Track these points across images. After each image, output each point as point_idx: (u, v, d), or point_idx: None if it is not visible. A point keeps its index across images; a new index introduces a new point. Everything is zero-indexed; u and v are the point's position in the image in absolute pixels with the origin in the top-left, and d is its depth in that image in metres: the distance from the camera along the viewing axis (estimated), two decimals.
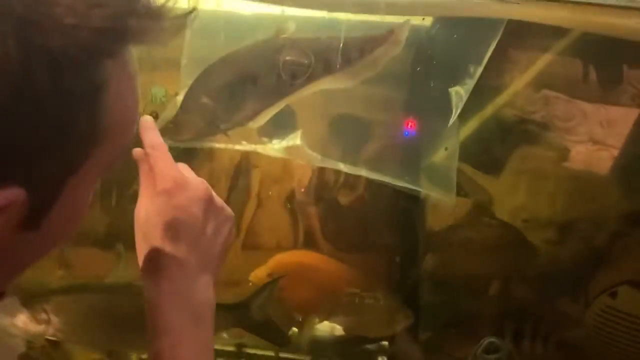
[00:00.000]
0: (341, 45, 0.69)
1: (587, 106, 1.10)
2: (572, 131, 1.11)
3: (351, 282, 1.12)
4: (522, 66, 1.02)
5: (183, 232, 0.46)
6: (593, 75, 1.07)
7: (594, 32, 0.79)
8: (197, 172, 1.25)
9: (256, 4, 0.72)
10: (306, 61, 0.70)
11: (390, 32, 0.70)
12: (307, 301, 1.11)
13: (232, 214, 0.51)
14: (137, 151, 0.52)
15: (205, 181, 0.50)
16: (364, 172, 0.82)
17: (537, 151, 1.12)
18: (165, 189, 0.46)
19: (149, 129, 0.52)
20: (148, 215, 0.46)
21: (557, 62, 1.07)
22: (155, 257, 0.45)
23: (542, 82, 1.09)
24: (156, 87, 1.10)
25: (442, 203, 0.93)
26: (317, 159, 0.79)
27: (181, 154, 1.13)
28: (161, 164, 0.48)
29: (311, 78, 0.71)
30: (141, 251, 0.46)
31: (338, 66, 0.70)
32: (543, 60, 1.06)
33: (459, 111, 0.74)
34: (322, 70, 0.71)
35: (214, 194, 0.50)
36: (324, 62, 0.70)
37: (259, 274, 1.08)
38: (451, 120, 0.74)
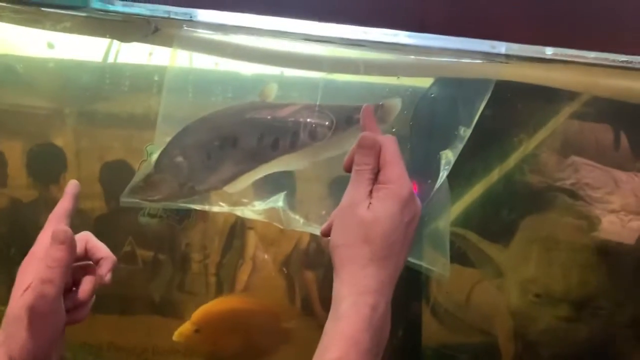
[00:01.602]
0: (316, 108, 0.65)
1: (619, 174, 1.05)
2: (603, 199, 1.05)
3: (285, 314, 1.10)
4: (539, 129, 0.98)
5: (396, 246, 0.45)
6: (625, 141, 1.02)
7: (598, 95, 0.74)
8: (191, 231, 1.22)
9: (235, 62, 0.70)
10: (289, 128, 0.67)
11: (379, 105, 0.66)
12: (246, 346, 1.06)
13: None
14: (367, 136, 0.50)
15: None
16: None
17: (555, 218, 1.05)
18: (400, 196, 0.46)
19: (371, 121, 0.53)
20: (376, 215, 0.45)
21: (584, 127, 1.02)
22: (359, 259, 0.45)
23: (570, 148, 1.04)
24: (151, 145, 1.08)
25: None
26: (299, 223, 0.74)
27: (174, 213, 1.11)
28: (396, 167, 0.48)
29: (294, 145, 0.67)
30: (349, 240, 0.46)
31: (323, 135, 0.67)
32: (563, 125, 1.02)
33: (445, 175, 0.69)
34: (307, 137, 0.67)
35: None
36: (309, 130, 0.67)
37: (184, 332, 1.02)
38: (437, 184, 0.69)
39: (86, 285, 0.59)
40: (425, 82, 0.82)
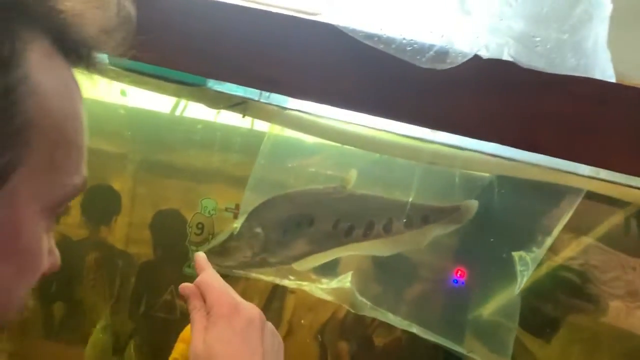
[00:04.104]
0: (408, 208, 0.68)
1: (627, 259, 1.05)
2: (611, 284, 1.05)
3: None
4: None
5: (245, 355, 0.45)
6: (634, 228, 1.03)
7: None
8: (232, 288, 1.22)
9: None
10: (365, 218, 0.69)
11: (456, 207, 0.69)
12: None
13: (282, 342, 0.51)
14: (185, 286, 0.53)
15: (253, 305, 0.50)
16: (415, 329, 0.76)
17: (600, 321, 1.05)
18: (222, 314, 0.46)
19: (202, 264, 0.53)
20: (208, 345, 0.45)
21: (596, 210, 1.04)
22: None
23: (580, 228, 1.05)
24: (207, 199, 1.10)
25: None
26: (366, 307, 0.75)
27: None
28: (213, 292, 0.49)
29: (367, 235, 0.69)
30: None
31: (397, 230, 0.69)
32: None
33: (525, 279, 0.70)
34: (381, 230, 0.69)
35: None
36: (384, 223, 0.69)
37: (185, 353, 0.98)
38: (517, 289, 0.69)
39: None
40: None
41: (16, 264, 0.32)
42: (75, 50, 0.34)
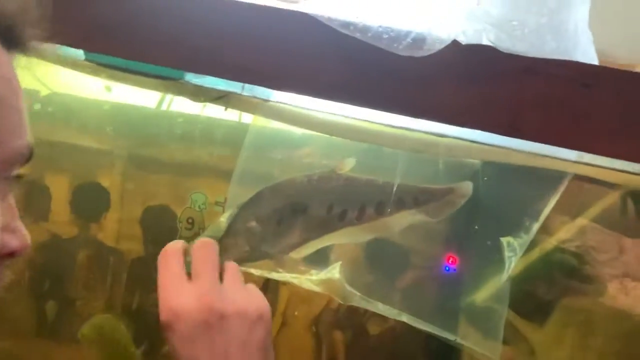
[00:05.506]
0: (394, 189, 0.67)
1: (625, 240, 1.05)
2: (608, 264, 1.05)
3: None
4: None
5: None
6: (631, 208, 1.03)
7: None
8: None
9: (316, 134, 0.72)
10: (358, 201, 0.68)
11: (449, 189, 0.68)
12: None
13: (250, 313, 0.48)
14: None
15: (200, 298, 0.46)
16: (405, 318, 0.76)
17: (593, 303, 1.05)
18: (163, 321, 0.44)
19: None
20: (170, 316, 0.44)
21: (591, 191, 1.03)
22: None
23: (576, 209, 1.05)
24: (196, 193, 1.09)
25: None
26: (355, 297, 0.74)
27: None
28: (162, 291, 0.46)
29: (360, 218, 0.68)
30: None
31: (389, 211, 0.68)
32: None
33: (512, 264, 0.69)
34: (373, 212, 0.68)
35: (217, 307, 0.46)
36: (375, 206, 0.68)
37: None
38: (505, 275, 0.69)
39: None
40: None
41: None
42: None
